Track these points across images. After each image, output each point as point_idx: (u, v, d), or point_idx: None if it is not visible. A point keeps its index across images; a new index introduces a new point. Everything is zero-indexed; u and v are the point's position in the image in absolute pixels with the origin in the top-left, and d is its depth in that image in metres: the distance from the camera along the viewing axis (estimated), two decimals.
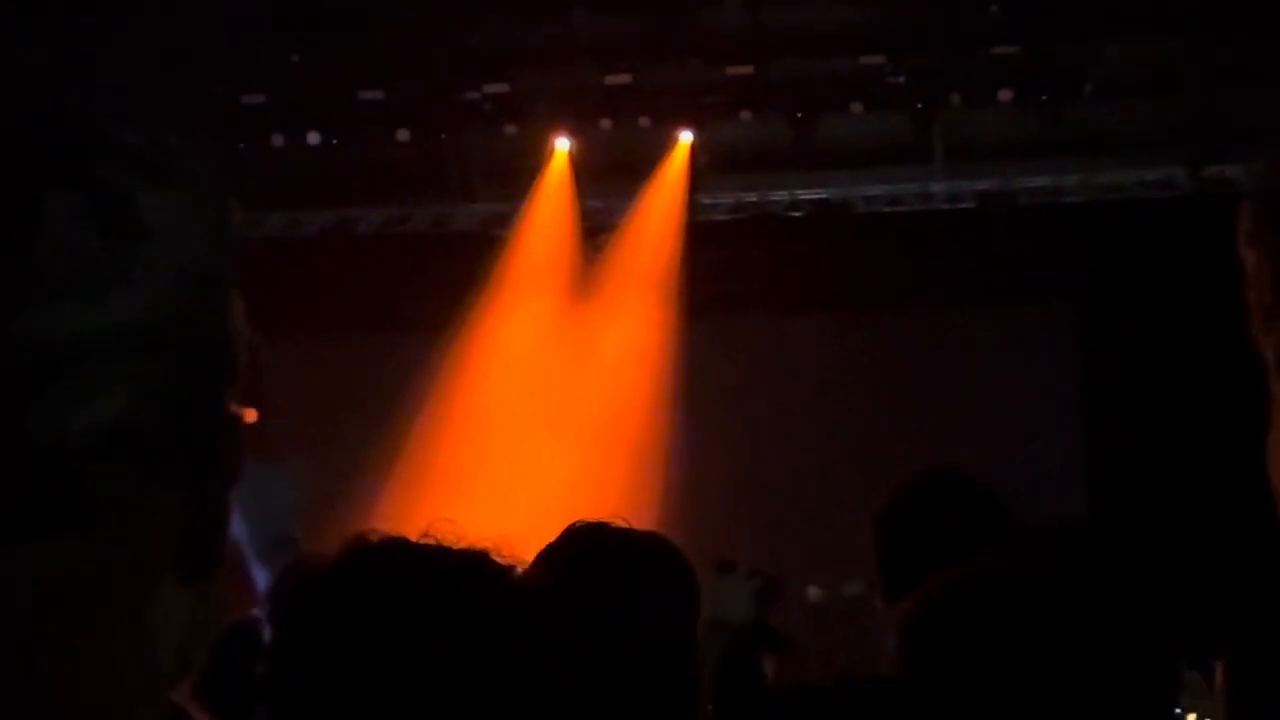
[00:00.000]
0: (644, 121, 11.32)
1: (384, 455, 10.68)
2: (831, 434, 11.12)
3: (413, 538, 1.39)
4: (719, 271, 11.62)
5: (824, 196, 11.73)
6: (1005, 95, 10.88)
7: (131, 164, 0.72)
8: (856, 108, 11.04)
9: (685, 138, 11.58)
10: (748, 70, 10.99)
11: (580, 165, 11.68)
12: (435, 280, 11.37)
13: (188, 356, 0.73)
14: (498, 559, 1.36)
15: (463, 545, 1.37)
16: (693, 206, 11.77)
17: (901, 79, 10.94)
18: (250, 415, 0.86)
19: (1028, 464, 9.92)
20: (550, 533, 2.00)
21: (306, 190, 11.84)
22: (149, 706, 0.74)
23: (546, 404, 11.24)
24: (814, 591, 10.33)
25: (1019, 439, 10.71)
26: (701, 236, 11.62)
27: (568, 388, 11.30)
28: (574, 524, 1.98)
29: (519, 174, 11.63)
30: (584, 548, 1.95)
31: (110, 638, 0.70)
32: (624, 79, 11.05)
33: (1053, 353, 11.44)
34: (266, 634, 1.38)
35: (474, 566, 1.34)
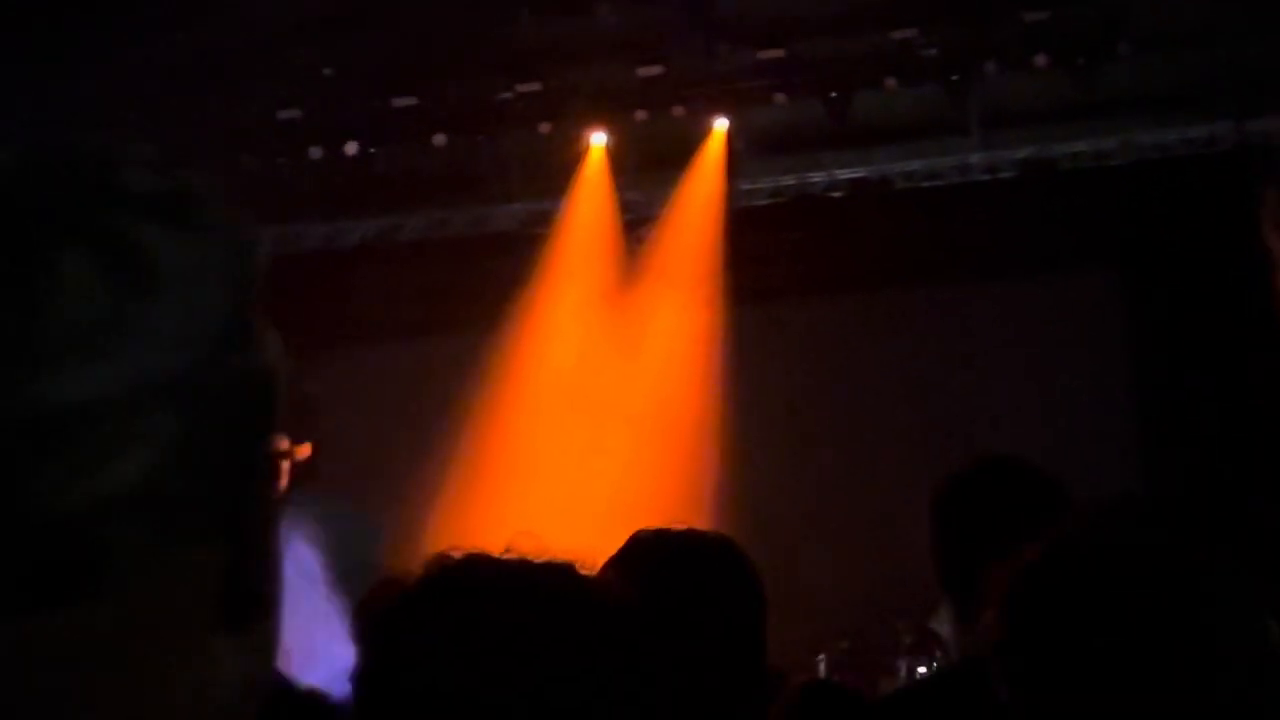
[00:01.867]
0: (678, 111, 11.30)
1: (439, 459, 10.71)
2: (884, 413, 11.07)
3: (495, 551, 1.39)
4: (762, 256, 11.59)
5: (862, 175, 11.67)
6: (1040, 61, 10.77)
7: (143, 210, 0.70)
8: (890, 83, 10.96)
9: (720, 125, 11.55)
10: (779, 53, 10.93)
11: (617, 159, 11.67)
12: (478, 282, 11.39)
13: (211, 407, 0.71)
14: (580, 572, 1.36)
15: (544, 558, 1.37)
16: (732, 193, 11.73)
17: (934, 51, 10.85)
18: (304, 451, 0.85)
19: (1081, 435, 9.85)
20: (609, 528, 2.01)
21: (346, 200, 11.89)
22: None
23: (596, 398, 11.26)
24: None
25: (1072, 410, 10.63)
26: (742, 222, 11.59)
27: (616, 381, 11.31)
28: (638, 532, 1.99)
29: (556, 171, 11.64)
30: (651, 555, 1.95)
31: (141, 694, 0.69)
32: (655, 70, 11.02)
33: (1103, 318, 11.34)
34: (351, 655, 1.37)
35: (557, 582, 1.34)
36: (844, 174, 11.72)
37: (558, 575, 1.34)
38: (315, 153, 11.44)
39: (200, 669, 0.71)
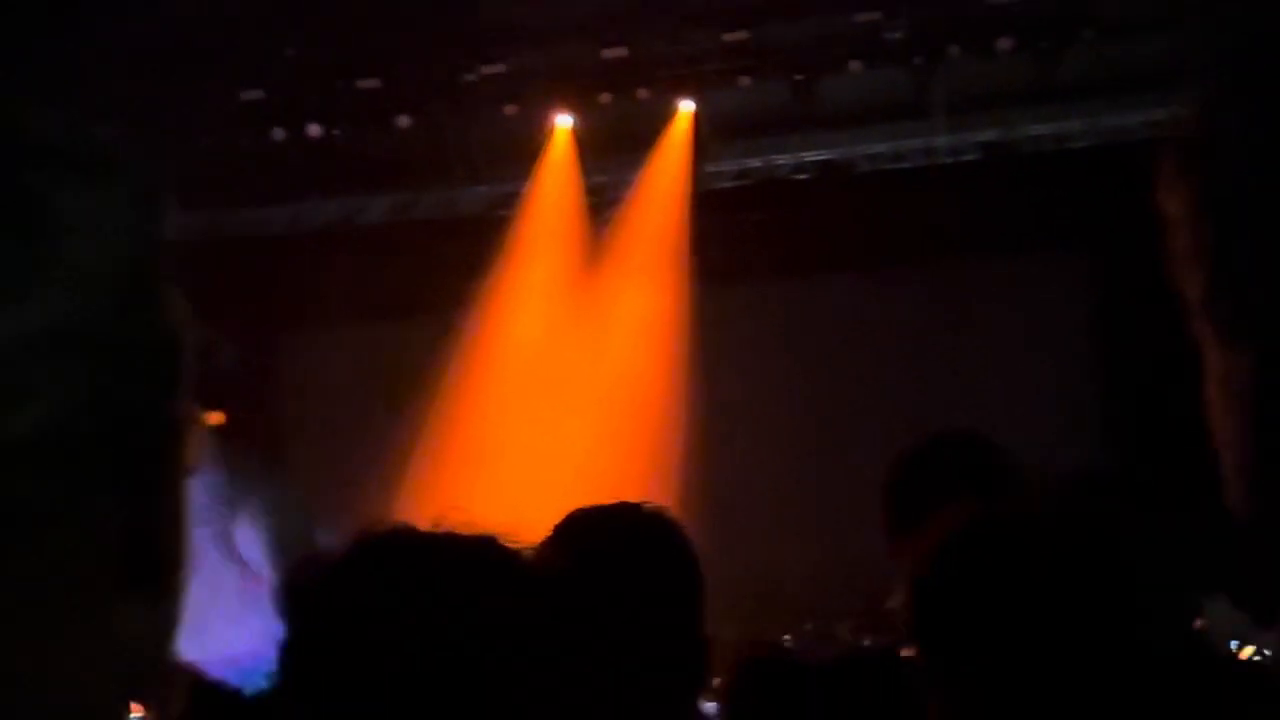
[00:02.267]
0: (643, 93, 11.28)
1: (403, 440, 10.69)
2: (848, 394, 11.11)
3: (423, 526, 1.39)
4: (727, 238, 11.60)
5: (828, 157, 11.69)
6: (1004, 44, 10.80)
7: (51, 162, 0.69)
8: (855, 66, 10.98)
9: (686, 107, 11.55)
10: (744, 36, 10.93)
11: (582, 141, 11.66)
12: (444, 265, 11.36)
13: (118, 359, 0.70)
14: (506, 544, 1.36)
15: (473, 532, 1.37)
16: (697, 175, 11.74)
17: (898, 35, 10.87)
18: (215, 418, 0.84)
19: (1046, 417, 9.90)
20: (574, 507, 2.01)
21: (310, 183, 11.84)
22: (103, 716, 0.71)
23: (562, 379, 11.25)
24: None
25: (1036, 392, 10.68)
26: (708, 204, 11.60)
27: (582, 362, 11.31)
28: (576, 509, 1.99)
29: (522, 154, 11.61)
30: (585, 529, 1.96)
31: (44, 652, 0.68)
32: (620, 52, 11.00)
33: (1067, 299, 11.39)
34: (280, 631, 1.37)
35: (481, 553, 1.34)
36: (809, 156, 11.74)
37: (483, 547, 1.34)
38: (278, 134, 11.38)
39: (103, 628, 0.70)
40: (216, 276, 11.82)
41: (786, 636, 9.70)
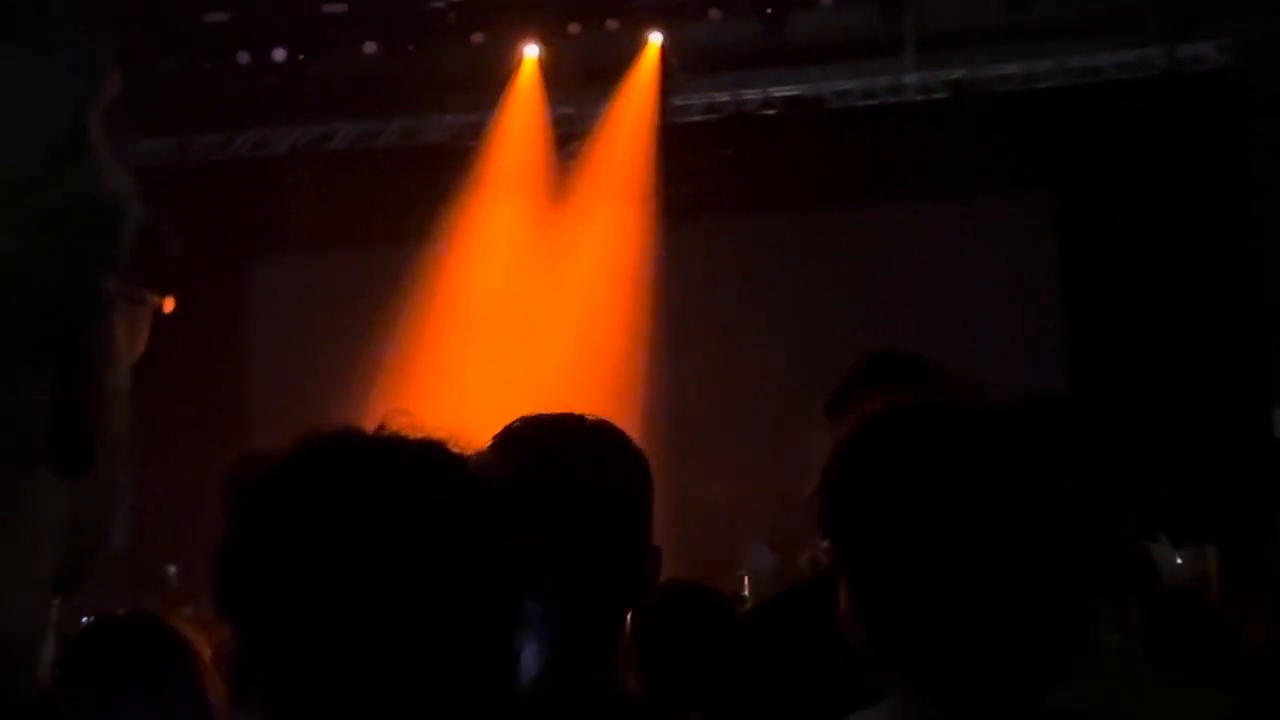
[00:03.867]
0: (612, 24, 11.20)
1: (364, 369, 10.66)
2: (812, 330, 11.12)
3: (369, 430, 1.38)
4: (695, 172, 11.56)
5: (797, 93, 11.64)
6: None
7: None
8: (826, 2, 10.93)
9: (655, 39, 11.47)
10: None
11: (550, 72, 11.57)
12: (408, 193, 11.30)
13: (45, 225, 0.67)
14: (450, 448, 1.35)
15: (418, 436, 1.36)
16: (665, 108, 11.68)
17: None
18: (167, 304, 0.81)
19: (1011, 352, 9.94)
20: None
21: (275, 108, 11.73)
22: (22, 609, 0.68)
23: (524, 311, 11.23)
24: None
25: (1003, 325, 10.72)
26: (675, 138, 11.55)
27: (545, 294, 11.28)
28: (520, 417, 1.99)
29: (488, 83, 11.52)
30: (528, 437, 1.96)
31: None
32: None
33: (1033, 237, 11.42)
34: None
35: (426, 455, 1.34)
36: (779, 92, 11.69)
37: (427, 450, 1.34)
38: (243, 58, 11.25)
39: (21, 505, 0.67)
40: (181, 201, 11.72)
41: (741, 571, 9.76)
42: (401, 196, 11.31)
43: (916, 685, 1.55)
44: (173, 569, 9.45)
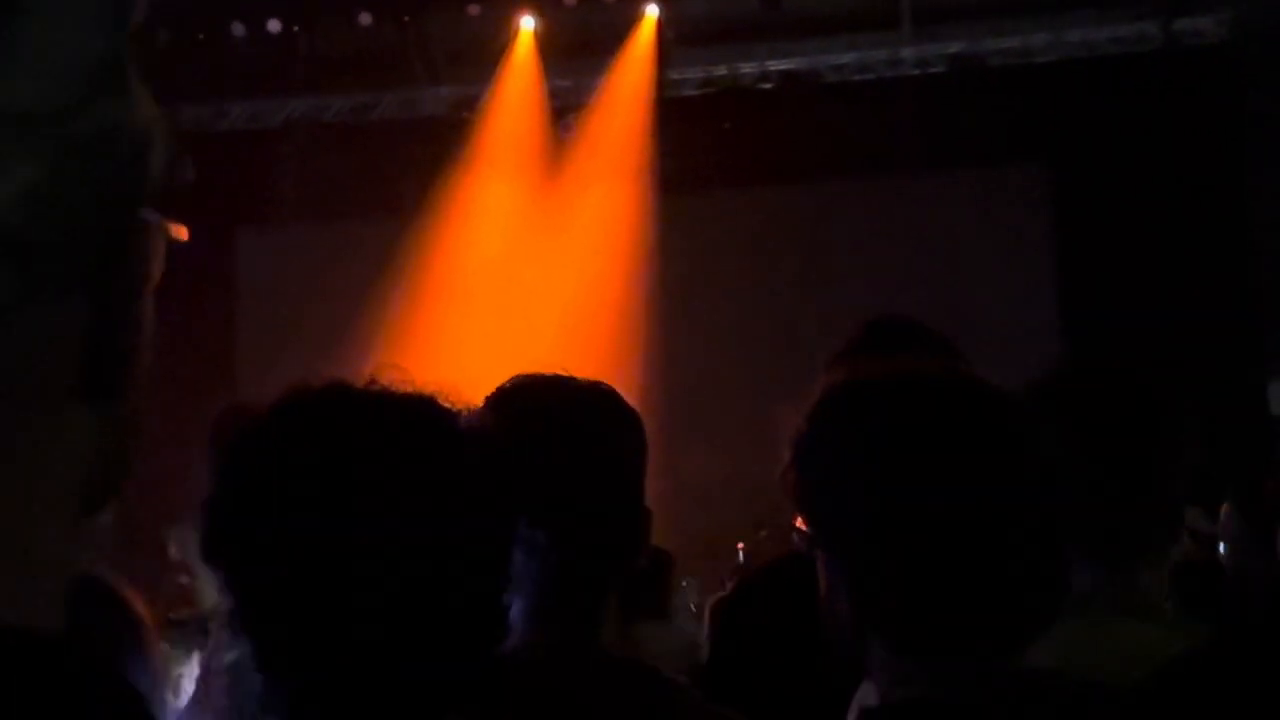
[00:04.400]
0: None
1: (360, 341, 10.64)
2: (809, 304, 11.11)
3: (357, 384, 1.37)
4: (691, 146, 11.53)
5: (793, 67, 11.60)
6: None
7: None
8: None
9: (651, 12, 11.43)
10: None
11: (546, 44, 11.53)
12: (404, 166, 11.26)
13: (77, 153, 0.66)
14: (441, 402, 1.34)
15: (407, 390, 1.35)
16: (661, 82, 11.64)
17: None
18: (181, 232, 0.80)
19: (1007, 327, 9.94)
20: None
21: (269, 80, 11.68)
22: (51, 538, 0.68)
23: (520, 284, 11.21)
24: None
25: (998, 303, 10.71)
26: (672, 112, 11.52)
27: (541, 268, 11.26)
28: (513, 376, 1.99)
29: (484, 56, 11.48)
30: (521, 394, 1.95)
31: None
32: None
33: (1029, 211, 11.39)
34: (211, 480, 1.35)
35: (414, 407, 1.33)
36: (775, 65, 11.65)
37: (417, 404, 1.33)
38: (238, 29, 11.20)
39: (55, 436, 0.67)
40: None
41: (740, 544, 9.76)
42: (396, 168, 11.28)
43: (898, 651, 1.55)
44: (171, 541, 9.44)
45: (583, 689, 1.86)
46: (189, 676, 2.81)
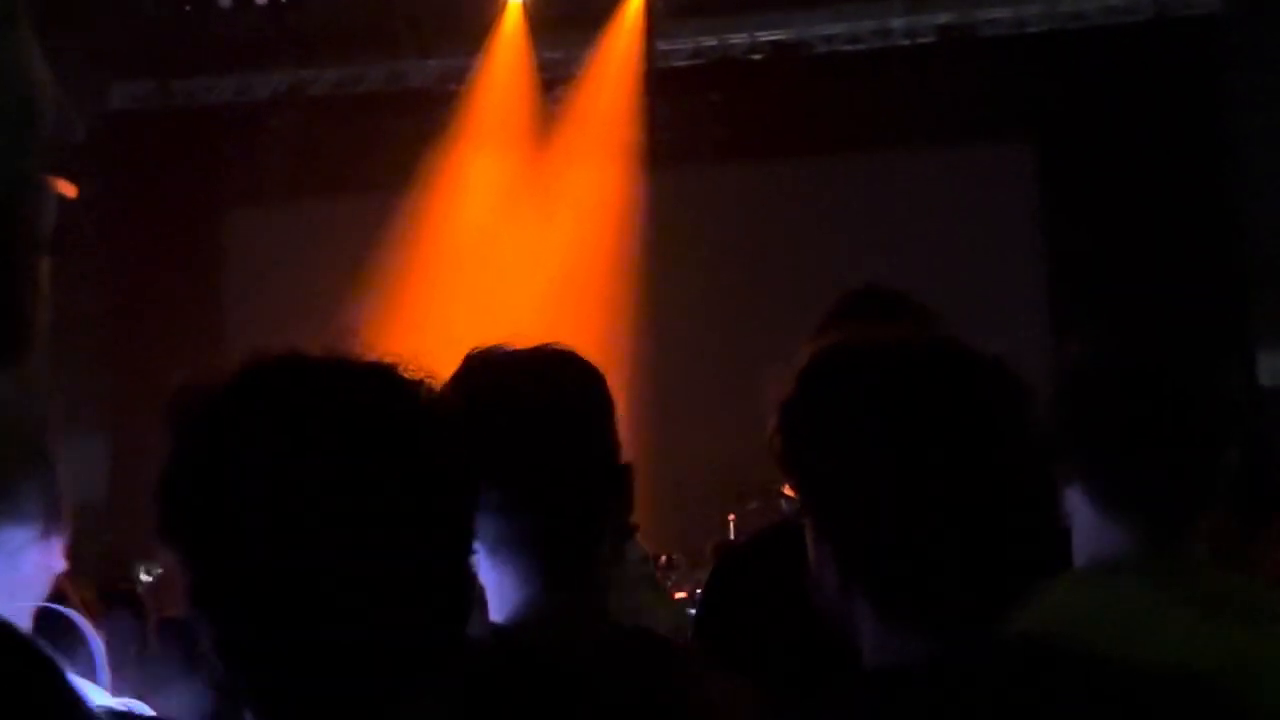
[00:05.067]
0: None
1: (345, 315, 10.62)
2: (797, 276, 11.09)
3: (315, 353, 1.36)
4: (680, 118, 11.51)
5: (783, 38, 11.57)
6: None
7: None
8: None
9: None
10: None
11: (535, 16, 11.49)
12: (392, 139, 11.22)
13: None
14: (403, 371, 1.33)
15: (367, 360, 1.34)
16: (651, 53, 11.60)
17: None
18: (69, 190, 0.79)
19: (993, 301, 9.94)
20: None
21: (256, 53, 11.63)
22: None
23: (509, 257, 11.18)
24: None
25: (985, 276, 10.71)
26: (661, 83, 11.48)
27: (529, 240, 11.23)
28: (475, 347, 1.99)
29: (473, 27, 11.43)
30: (489, 361, 1.95)
31: None
32: None
33: (1018, 188, 11.39)
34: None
35: (374, 377, 1.32)
36: (765, 36, 11.62)
37: (375, 373, 1.32)
38: (225, 2, 11.14)
39: None
40: (161, 147, 11.64)
41: (731, 515, 9.79)
42: (385, 142, 11.24)
43: (884, 619, 1.55)
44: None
45: (589, 656, 1.86)
46: None
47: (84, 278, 9.96)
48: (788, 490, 1.73)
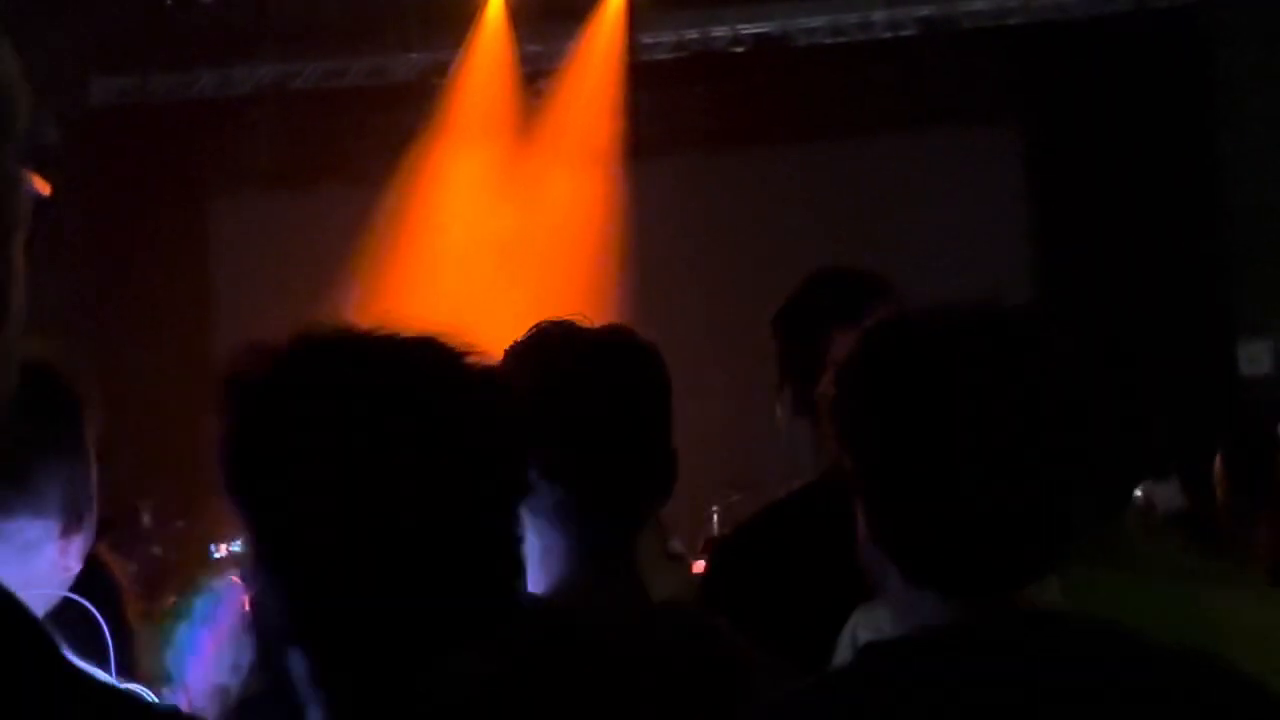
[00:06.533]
0: None
1: (329, 309, 10.61)
2: (781, 267, 11.09)
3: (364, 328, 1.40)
4: (663, 111, 11.51)
5: (766, 30, 11.58)
6: None
7: None
8: None
9: None
10: None
11: (517, 9, 11.48)
12: (375, 133, 11.21)
13: None
14: (450, 342, 1.37)
15: (416, 333, 1.39)
16: (633, 46, 11.60)
17: None
18: (43, 187, 0.80)
19: (980, 287, 9.96)
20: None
21: (238, 46, 11.60)
22: None
23: (492, 250, 11.18)
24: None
25: (970, 263, 10.73)
26: (643, 76, 11.49)
27: (514, 234, 11.24)
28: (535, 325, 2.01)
29: (455, 21, 11.42)
30: (552, 339, 1.98)
31: None
32: None
33: (1002, 177, 11.42)
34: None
35: (427, 348, 1.36)
36: (747, 29, 11.62)
37: (428, 347, 1.36)
38: None
39: None
40: (144, 140, 11.61)
41: (715, 507, 9.81)
42: (367, 135, 11.23)
43: (915, 584, 1.58)
44: (145, 510, 9.43)
45: (630, 630, 1.88)
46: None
47: (67, 273, 9.94)
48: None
